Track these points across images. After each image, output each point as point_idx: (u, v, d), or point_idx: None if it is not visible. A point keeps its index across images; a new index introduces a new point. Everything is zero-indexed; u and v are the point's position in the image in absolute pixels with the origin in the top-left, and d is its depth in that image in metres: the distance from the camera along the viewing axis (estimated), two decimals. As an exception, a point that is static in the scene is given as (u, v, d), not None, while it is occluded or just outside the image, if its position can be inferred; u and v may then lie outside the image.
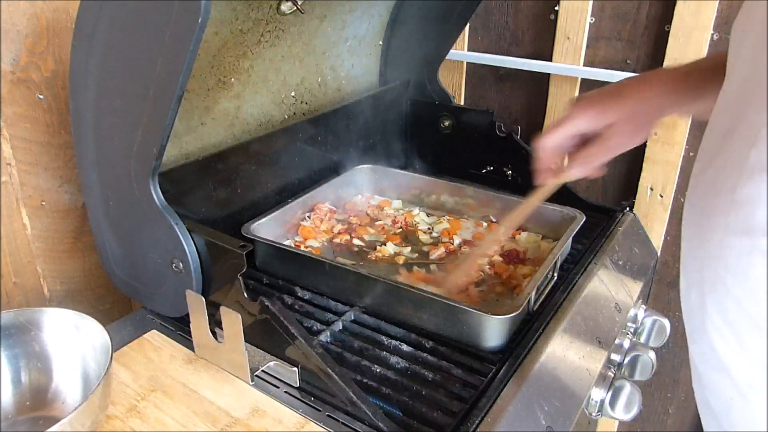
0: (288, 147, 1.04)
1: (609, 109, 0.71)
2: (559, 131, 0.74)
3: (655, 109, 0.71)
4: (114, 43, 0.66)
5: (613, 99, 0.71)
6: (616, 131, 0.71)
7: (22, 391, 0.69)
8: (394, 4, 1.20)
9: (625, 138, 0.72)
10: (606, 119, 0.71)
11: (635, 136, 0.72)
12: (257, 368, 0.71)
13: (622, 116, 0.71)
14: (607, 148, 0.73)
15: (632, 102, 0.70)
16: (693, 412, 1.36)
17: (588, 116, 0.72)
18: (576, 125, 0.73)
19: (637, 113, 0.70)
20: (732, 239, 0.48)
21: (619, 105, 0.71)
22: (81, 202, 0.92)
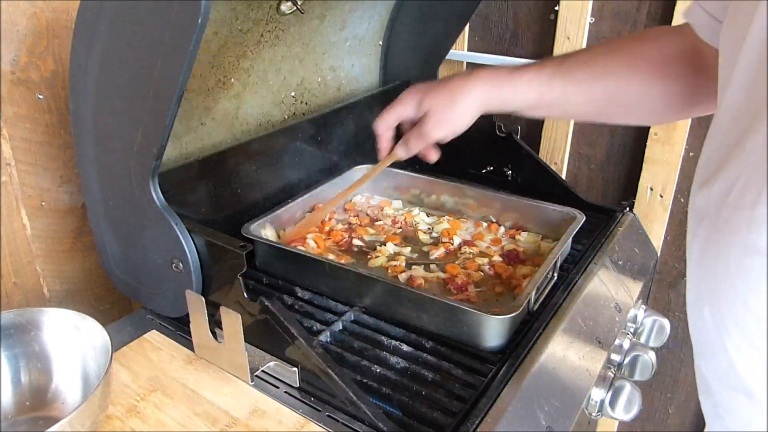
0: (288, 147, 1.04)
1: (427, 98, 0.78)
2: (387, 115, 0.83)
3: (469, 103, 0.76)
4: (114, 43, 0.66)
5: (434, 89, 0.78)
6: (428, 118, 0.78)
7: (22, 391, 0.69)
8: (394, 4, 1.20)
9: (438, 126, 0.78)
10: (423, 107, 0.79)
11: (444, 124, 0.78)
12: (257, 368, 0.71)
13: (434, 105, 0.78)
14: (421, 133, 0.80)
15: (448, 93, 0.77)
16: (693, 412, 1.36)
17: (410, 103, 0.80)
18: (399, 110, 0.82)
19: (450, 104, 0.77)
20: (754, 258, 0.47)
21: (437, 95, 0.78)
22: (81, 202, 0.92)
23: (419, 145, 0.83)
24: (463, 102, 0.77)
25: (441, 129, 0.79)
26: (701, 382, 0.59)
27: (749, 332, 0.49)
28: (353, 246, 1.00)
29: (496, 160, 1.20)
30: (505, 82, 0.76)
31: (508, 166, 1.19)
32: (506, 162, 1.19)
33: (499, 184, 1.17)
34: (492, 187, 1.11)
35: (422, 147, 0.83)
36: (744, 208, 0.47)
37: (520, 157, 1.16)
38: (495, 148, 1.19)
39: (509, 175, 1.19)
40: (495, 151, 1.19)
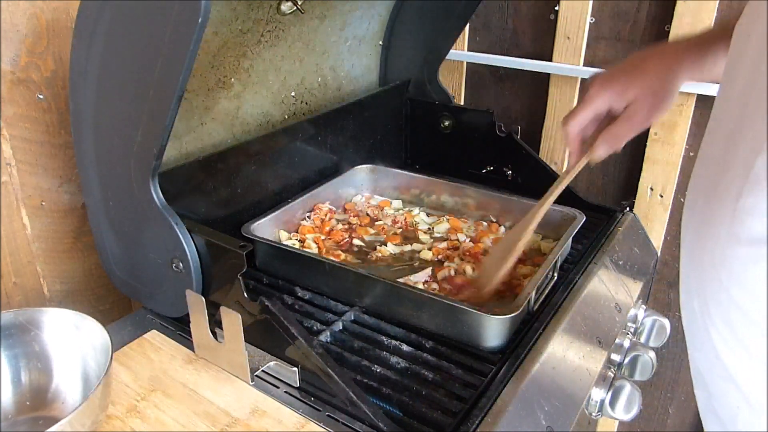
0: (288, 147, 1.04)
1: (629, 87, 0.72)
2: (583, 113, 0.75)
3: (673, 81, 0.71)
4: (114, 43, 0.66)
5: (632, 76, 0.72)
6: (639, 107, 0.71)
7: (22, 391, 0.69)
8: (394, 4, 1.20)
9: (649, 113, 0.72)
10: (627, 97, 0.72)
11: (658, 109, 0.72)
12: (257, 368, 0.71)
13: (642, 92, 0.71)
14: (632, 124, 0.73)
15: (651, 77, 0.71)
16: (693, 412, 1.36)
17: (609, 96, 0.73)
18: (598, 106, 0.74)
19: (657, 87, 0.71)
20: (736, 248, 0.48)
21: (639, 81, 0.71)
22: (81, 202, 0.92)
23: (629, 136, 0.75)
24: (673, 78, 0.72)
25: (654, 114, 0.73)
26: (694, 372, 0.60)
27: (732, 322, 0.50)
28: (353, 246, 1.00)
29: (496, 160, 1.20)
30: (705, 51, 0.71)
31: (508, 166, 1.19)
32: (506, 162, 1.19)
33: (499, 184, 1.17)
34: (492, 187, 1.11)
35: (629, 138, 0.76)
36: (729, 200, 0.48)
37: (520, 157, 1.16)
38: (495, 148, 1.19)
39: (509, 175, 1.19)
40: (495, 151, 1.19)
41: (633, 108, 0.72)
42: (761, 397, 0.51)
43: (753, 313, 0.48)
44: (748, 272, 0.48)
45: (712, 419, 0.59)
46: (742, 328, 0.50)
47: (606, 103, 0.74)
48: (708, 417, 0.60)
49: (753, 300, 0.48)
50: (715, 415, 0.58)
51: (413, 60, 1.26)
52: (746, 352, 0.50)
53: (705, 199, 0.52)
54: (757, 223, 0.45)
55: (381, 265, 0.95)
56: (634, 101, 0.72)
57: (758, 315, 0.48)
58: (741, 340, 0.50)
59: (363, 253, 0.98)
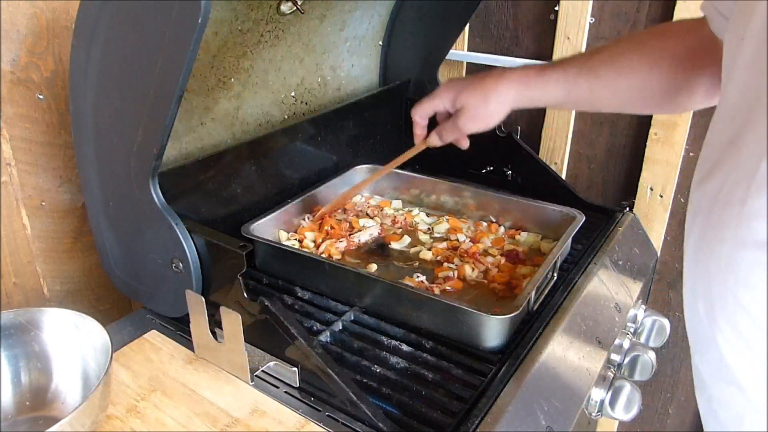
0: (288, 147, 1.04)
1: (462, 96, 0.85)
2: (424, 105, 0.91)
3: (501, 100, 0.83)
4: (114, 43, 0.66)
5: (469, 87, 0.85)
6: (461, 114, 0.86)
7: (22, 391, 0.69)
8: (394, 4, 1.20)
9: (471, 121, 0.85)
10: (458, 103, 0.86)
11: (480, 120, 0.85)
12: (257, 368, 0.71)
13: (468, 103, 0.84)
14: (456, 125, 0.87)
15: (481, 92, 0.83)
16: (693, 412, 1.36)
17: (446, 98, 0.88)
18: (436, 104, 0.89)
19: (484, 102, 0.83)
20: (743, 252, 0.48)
21: (471, 93, 0.84)
22: (81, 202, 0.92)
23: (452, 136, 0.90)
24: (495, 100, 0.83)
25: (474, 124, 0.86)
26: (696, 377, 0.60)
27: (739, 326, 0.50)
28: (356, 246, 1.00)
29: (496, 160, 1.20)
30: (534, 82, 0.81)
31: (508, 166, 1.19)
32: (506, 162, 1.19)
33: (499, 184, 1.17)
34: (492, 187, 1.11)
35: (455, 138, 0.91)
36: (734, 204, 0.48)
37: (520, 157, 1.16)
38: (495, 148, 1.19)
39: (509, 175, 1.19)
40: (495, 151, 1.19)
41: (459, 113, 0.86)
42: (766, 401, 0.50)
43: (760, 317, 0.48)
44: (755, 276, 0.47)
45: (712, 423, 0.59)
46: (749, 332, 0.50)
47: (442, 103, 0.88)
48: (709, 421, 0.60)
49: (760, 303, 0.48)
50: (715, 418, 0.58)
51: (413, 60, 1.26)
52: (753, 356, 0.50)
53: (709, 203, 0.52)
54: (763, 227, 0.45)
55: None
56: (461, 108, 0.85)
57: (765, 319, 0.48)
58: (747, 344, 0.50)
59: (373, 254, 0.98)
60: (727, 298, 0.50)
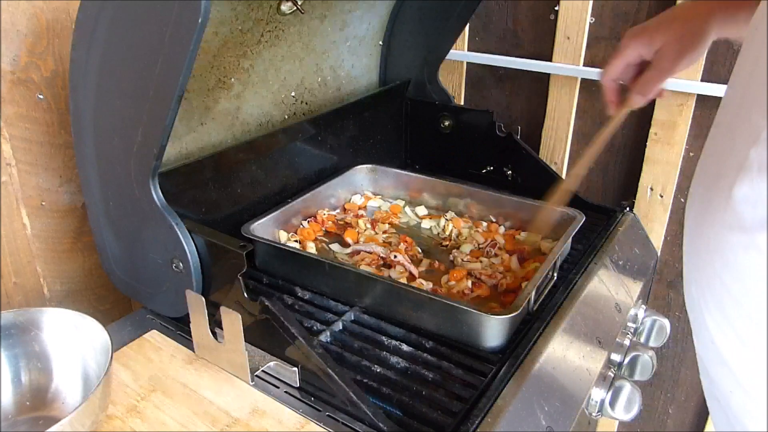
0: (288, 147, 1.04)
1: (656, 35, 0.75)
2: (615, 63, 0.79)
3: (702, 28, 0.73)
4: (114, 43, 0.66)
5: (660, 24, 0.75)
6: (665, 54, 0.74)
7: (22, 391, 0.69)
8: (394, 4, 1.20)
9: (675, 59, 0.74)
10: (655, 44, 0.75)
11: (684, 56, 0.74)
12: (257, 368, 0.71)
13: (669, 39, 0.74)
14: (660, 70, 0.76)
15: (677, 25, 0.74)
16: (693, 411, 1.36)
17: (638, 44, 0.76)
18: (629, 54, 0.77)
19: (682, 34, 0.73)
20: (729, 235, 0.49)
21: (665, 29, 0.74)
22: (81, 202, 0.92)
23: (658, 84, 0.79)
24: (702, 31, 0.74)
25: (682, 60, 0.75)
26: (699, 359, 0.61)
27: (725, 308, 0.52)
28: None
29: (496, 160, 1.20)
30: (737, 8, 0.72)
31: (508, 166, 1.19)
32: (506, 162, 1.19)
33: (499, 184, 1.18)
34: (492, 187, 1.11)
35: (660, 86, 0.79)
36: (724, 188, 0.49)
37: (520, 157, 1.16)
38: (495, 148, 1.19)
39: (509, 175, 1.19)
40: (495, 151, 1.19)
41: (660, 54, 0.75)
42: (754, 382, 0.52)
43: (744, 299, 0.50)
44: (740, 259, 0.49)
45: (714, 404, 0.61)
46: (734, 314, 0.51)
47: (635, 52, 0.76)
48: (711, 403, 0.62)
49: (744, 286, 0.49)
50: (715, 399, 0.59)
51: (413, 60, 1.26)
52: (738, 338, 0.52)
53: (705, 187, 0.54)
54: (748, 211, 0.47)
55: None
56: (662, 48, 0.74)
57: (749, 301, 0.49)
58: (733, 326, 0.52)
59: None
60: (714, 281, 0.52)
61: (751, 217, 0.46)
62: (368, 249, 0.95)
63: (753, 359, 0.51)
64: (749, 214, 0.47)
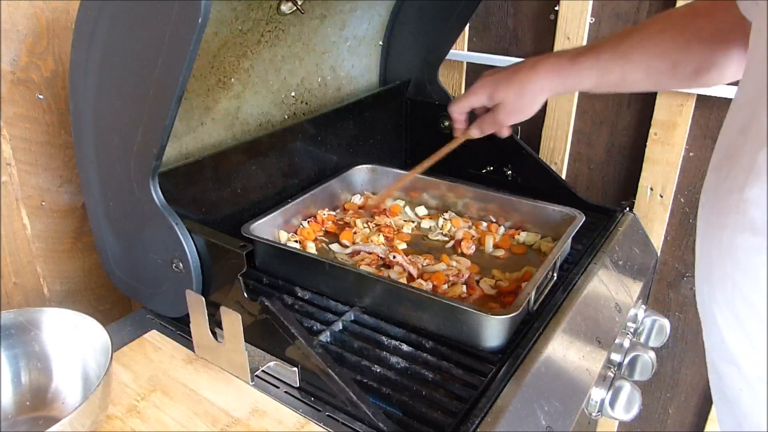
0: (288, 147, 1.04)
1: (498, 92, 0.88)
2: (462, 103, 0.94)
3: (537, 91, 0.85)
4: (114, 43, 0.66)
5: (504, 82, 0.87)
6: (502, 108, 0.89)
7: (22, 391, 0.69)
8: (394, 4, 1.20)
9: (510, 115, 0.89)
10: (496, 98, 0.89)
11: (518, 113, 0.89)
12: (257, 368, 0.71)
13: (508, 97, 0.87)
14: (495, 119, 0.91)
15: (518, 85, 0.86)
16: (693, 412, 1.36)
17: (482, 95, 0.90)
18: (473, 100, 0.93)
19: (520, 95, 0.86)
20: (741, 237, 0.50)
21: (507, 88, 0.87)
22: (81, 202, 0.92)
23: (492, 129, 0.94)
24: (531, 93, 0.86)
25: (513, 117, 0.90)
26: (707, 357, 0.62)
27: (736, 308, 0.52)
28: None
29: (496, 160, 1.20)
30: (567, 72, 0.83)
31: (508, 166, 1.19)
32: (506, 162, 1.19)
33: (499, 184, 1.17)
34: (492, 187, 1.11)
35: (495, 130, 0.94)
36: (735, 191, 0.50)
37: (520, 157, 1.16)
38: (495, 148, 1.19)
39: (509, 175, 1.19)
40: (495, 151, 1.19)
41: (498, 107, 0.89)
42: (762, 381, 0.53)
43: (755, 300, 0.50)
44: (751, 261, 0.49)
45: (721, 401, 0.61)
46: (745, 314, 0.52)
47: (480, 99, 0.91)
48: (718, 400, 0.62)
49: (755, 287, 0.50)
50: (723, 396, 0.60)
51: (413, 60, 1.26)
52: (748, 338, 0.52)
53: (716, 189, 0.55)
54: (760, 214, 0.47)
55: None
56: (499, 103, 0.89)
57: (760, 302, 0.50)
58: (743, 326, 0.52)
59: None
60: (726, 281, 0.52)
61: (762, 219, 0.47)
62: (368, 249, 0.95)
63: (762, 359, 0.51)
64: (760, 216, 0.47)
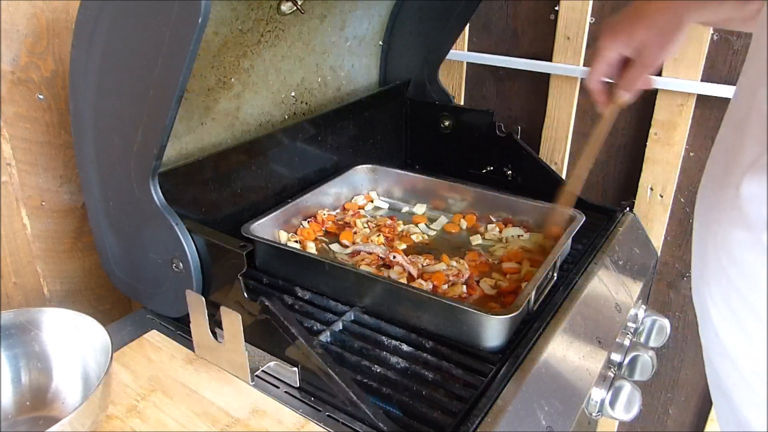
0: (288, 147, 1.04)
1: (635, 31, 0.75)
2: (597, 67, 0.79)
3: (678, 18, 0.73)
4: (114, 43, 0.66)
5: (636, 20, 0.75)
6: (647, 50, 0.75)
7: (22, 391, 0.69)
8: (394, 4, 1.20)
9: (657, 53, 0.75)
10: (634, 42, 0.75)
11: (665, 49, 0.75)
12: (257, 368, 0.71)
13: (649, 34, 0.74)
14: (644, 65, 0.76)
15: (655, 17, 0.74)
16: (693, 412, 1.36)
17: (617, 45, 0.76)
18: (608, 56, 0.77)
19: (662, 28, 0.74)
20: (735, 232, 0.50)
21: (644, 24, 0.74)
22: (81, 202, 0.92)
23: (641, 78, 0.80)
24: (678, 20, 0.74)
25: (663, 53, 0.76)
26: (705, 353, 0.62)
27: (731, 302, 0.53)
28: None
29: (496, 160, 1.20)
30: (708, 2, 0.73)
31: (508, 166, 1.19)
32: (506, 162, 1.19)
33: (499, 184, 1.17)
34: (492, 187, 1.11)
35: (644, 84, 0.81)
36: (732, 187, 0.50)
37: (520, 157, 1.16)
38: (495, 148, 1.19)
39: (509, 175, 1.19)
40: (495, 151, 1.19)
41: (643, 50, 0.75)
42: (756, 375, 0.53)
43: (750, 295, 0.51)
44: (746, 256, 0.50)
45: (718, 395, 0.61)
46: (740, 309, 0.52)
47: (615, 52, 0.77)
48: (715, 393, 0.62)
49: (750, 283, 0.50)
50: (720, 389, 0.60)
51: (413, 60, 1.26)
52: (742, 332, 0.53)
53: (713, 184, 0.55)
54: (755, 210, 0.48)
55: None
56: (642, 43, 0.75)
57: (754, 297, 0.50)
58: (738, 321, 0.53)
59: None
60: (720, 276, 0.53)
61: (757, 215, 0.47)
62: (368, 249, 0.95)
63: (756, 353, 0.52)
64: (755, 212, 0.47)
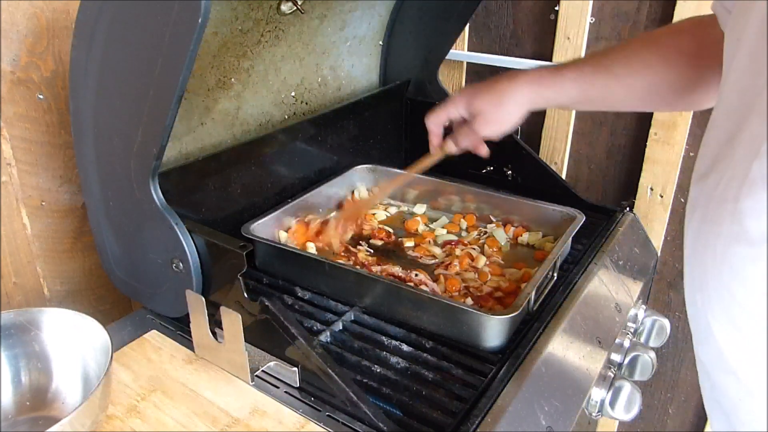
0: (288, 147, 1.04)
1: (476, 101, 0.84)
2: (439, 114, 0.90)
3: (516, 102, 0.82)
4: (114, 43, 0.66)
5: (483, 92, 0.84)
6: (480, 119, 0.84)
7: (22, 391, 0.69)
8: (394, 4, 1.20)
9: (487, 125, 0.85)
10: (473, 109, 0.85)
11: (496, 124, 0.84)
12: (257, 368, 0.71)
13: (486, 107, 0.84)
14: (473, 131, 0.86)
15: (496, 95, 0.83)
16: (693, 412, 1.36)
17: (460, 105, 0.86)
18: (450, 111, 0.88)
19: (498, 105, 0.83)
20: (736, 248, 0.49)
21: (486, 98, 0.84)
22: (81, 202, 0.92)
23: (469, 142, 0.89)
24: (510, 102, 0.82)
25: (490, 128, 0.85)
26: (699, 366, 0.62)
27: (734, 318, 0.52)
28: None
29: (496, 160, 1.20)
30: (549, 82, 0.81)
31: (508, 166, 1.19)
32: (506, 162, 1.19)
33: (499, 184, 1.17)
34: (492, 187, 1.11)
35: (471, 144, 0.90)
36: (728, 201, 0.49)
37: (520, 157, 1.16)
38: (495, 148, 1.18)
39: (509, 175, 1.19)
40: (495, 151, 1.18)
41: (476, 119, 0.85)
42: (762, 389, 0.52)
43: (754, 310, 0.50)
44: (748, 271, 0.49)
45: (716, 411, 0.61)
46: (744, 324, 0.51)
47: (457, 110, 0.87)
48: (712, 407, 0.62)
49: (753, 297, 0.49)
50: (718, 405, 0.60)
51: (413, 60, 1.26)
52: (748, 348, 0.52)
53: (706, 198, 0.54)
54: (755, 225, 0.47)
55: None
56: (478, 113, 0.84)
57: (759, 311, 0.49)
58: (743, 336, 0.52)
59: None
60: (722, 292, 0.52)
61: (757, 230, 0.47)
62: (389, 270, 0.93)
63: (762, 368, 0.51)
64: (755, 227, 0.47)
